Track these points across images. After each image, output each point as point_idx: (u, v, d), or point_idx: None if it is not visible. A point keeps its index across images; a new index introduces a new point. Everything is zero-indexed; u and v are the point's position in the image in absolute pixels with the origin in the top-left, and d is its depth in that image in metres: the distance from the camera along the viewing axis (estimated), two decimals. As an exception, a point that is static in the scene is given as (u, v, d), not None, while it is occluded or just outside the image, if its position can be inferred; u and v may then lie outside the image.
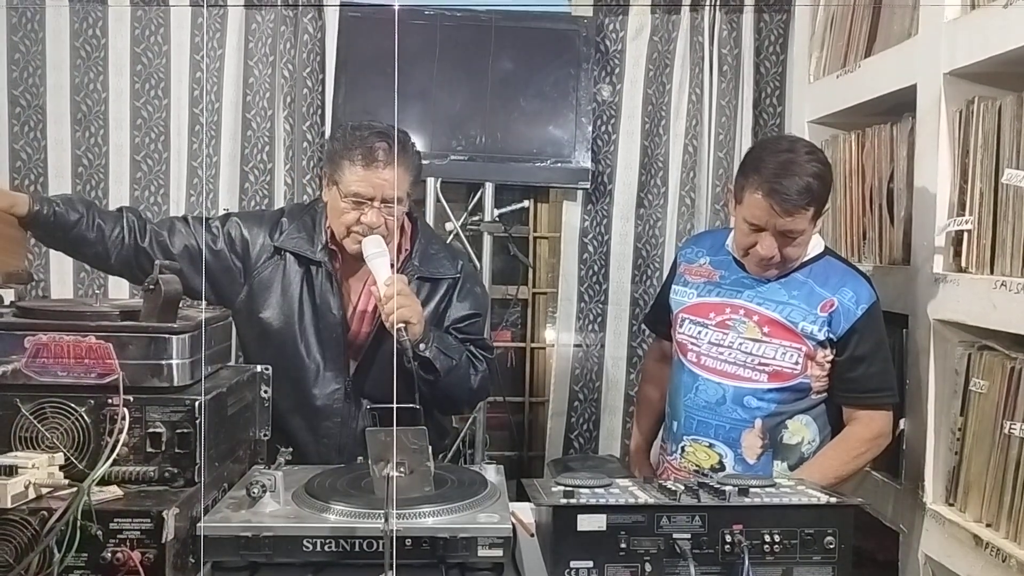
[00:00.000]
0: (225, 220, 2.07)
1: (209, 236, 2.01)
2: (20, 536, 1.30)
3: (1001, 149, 1.82)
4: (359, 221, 1.93)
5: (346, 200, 1.93)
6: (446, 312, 2.08)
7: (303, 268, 2.01)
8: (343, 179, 1.93)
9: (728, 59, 3.00)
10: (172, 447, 1.46)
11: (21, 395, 1.43)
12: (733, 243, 2.03)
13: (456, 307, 2.08)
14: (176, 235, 1.99)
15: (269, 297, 2.01)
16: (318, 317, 2.01)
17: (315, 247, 2.02)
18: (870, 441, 1.98)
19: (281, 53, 2.92)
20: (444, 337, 2.02)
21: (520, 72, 2.97)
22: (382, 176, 1.90)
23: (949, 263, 1.98)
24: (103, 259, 1.95)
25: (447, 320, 2.07)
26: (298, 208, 2.16)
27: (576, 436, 3.13)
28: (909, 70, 2.11)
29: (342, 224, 1.95)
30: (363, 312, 2.05)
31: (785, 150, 1.90)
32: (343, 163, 1.93)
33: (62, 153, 2.91)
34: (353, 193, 1.92)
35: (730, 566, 1.41)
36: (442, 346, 1.96)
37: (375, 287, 1.89)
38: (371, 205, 1.92)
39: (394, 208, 1.93)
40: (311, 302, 2.01)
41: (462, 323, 2.08)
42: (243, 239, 2.03)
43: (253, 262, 2.02)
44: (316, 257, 2.01)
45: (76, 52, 2.89)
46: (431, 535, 1.42)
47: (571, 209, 3.10)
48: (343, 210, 1.94)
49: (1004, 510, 1.77)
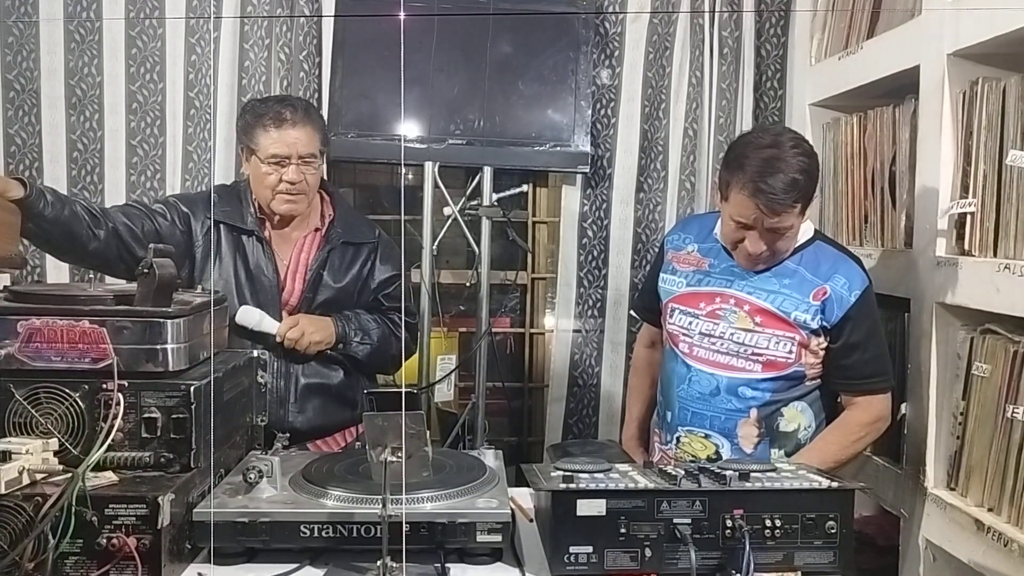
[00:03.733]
0: (166, 201, 2.20)
1: (160, 216, 2.13)
2: (14, 522, 1.30)
3: (1005, 130, 1.80)
4: (281, 180, 2.11)
5: (266, 163, 2.11)
6: (371, 275, 2.27)
7: (235, 238, 2.17)
8: (259, 145, 2.12)
9: (729, 41, 2.97)
10: (167, 432, 1.45)
11: (14, 380, 1.43)
12: (720, 232, 2.01)
13: (379, 269, 2.28)
14: (134, 218, 2.08)
15: (207, 267, 2.15)
16: (253, 282, 2.16)
17: (245, 217, 2.18)
18: (869, 425, 1.97)
19: (277, 36, 2.89)
20: (360, 317, 2.24)
21: (519, 55, 2.93)
22: (293, 134, 2.11)
23: (952, 246, 1.97)
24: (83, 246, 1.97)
25: (373, 282, 2.27)
26: (224, 186, 2.36)
27: (575, 421, 3.12)
28: (912, 51, 2.09)
29: (266, 188, 2.13)
30: (295, 272, 2.22)
31: (769, 145, 1.86)
32: (256, 131, 2.12)
33: (57, 138, 2.88)
34: (271, 155, 2.11)
35: (731, 551, 1.40)
36: (359, 335, 2.21)
37: (304, 255, 2.19)
38: (289, 162, 2.11)
39: (313, 166, 2.13)
40: (245, 268, 2.16)
41: (388, 287, 2.29)
42: (184, 213, 2.16)
43: (194, 236, 2.16)
44: (248, 226, 2.17)
45: (70, 35, 2.86)
46: (429, 520, 1.42)
47: (570, 194, 3.08)
48: (265, 173, 2.12)
49: (1006, 494, 1.77)
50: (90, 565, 1.32)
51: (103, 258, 2.03)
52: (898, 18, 2.22)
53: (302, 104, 2.19)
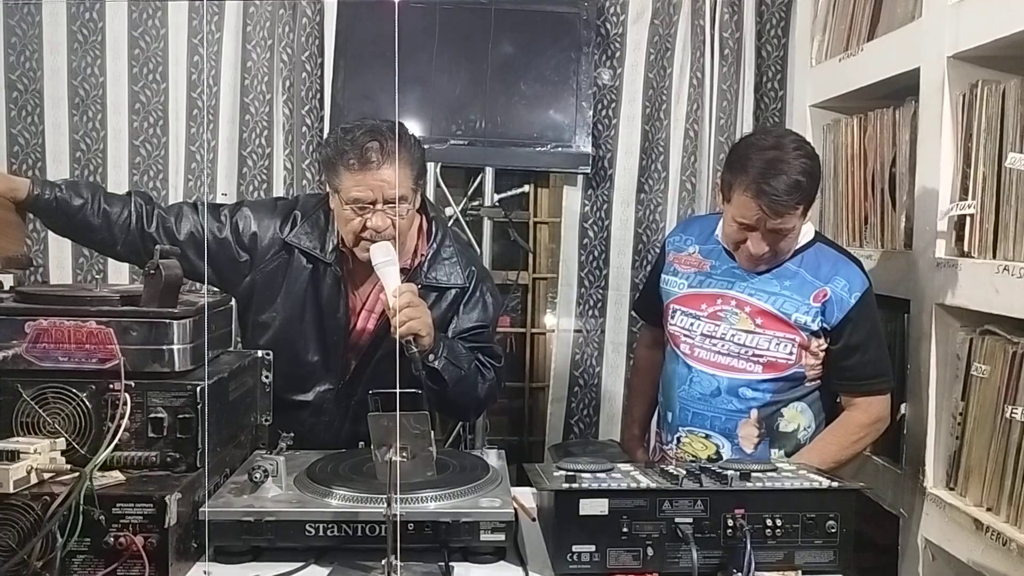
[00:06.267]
0: (236, 210, 2.01)
1: (216, 224, 1.96)
2: (23, 521, 1.31)
3: (1004, 133, 1.81)
4: (365, 227, 1.85)
5: (348, 207, 1.85)
6: (452, 321, 2.01)
7: (311, 266, 1.96)
8: (342, 186, 1.85)
9: (729, 42, 2.98)
10: (174, 432, 1.46)
11: (22, 380, 1.44)
12: (722, 233, 2.02)
13: (463, 318, 2.02)
14: (183, 220, 1.95)
15: (274, 292, 1.96)
16: (321, 318, 1.96)
17: (326, 248, 1.96)
18: (869, 426, 1.98)
19: (280, 37, 2.90)
20: (454, 346, 1.95)
21: (520, 56, 2.94)
22: (380, 177, 1.82)
23: (951, 248, 1.98)
24: (109, 244, 1.93)
25: (453, 331, 2.01)
26: (312, 202, 2.05)
27: (576, 421, 3.13)
28: (912, 53, 2.10)
29: (349, 232, 1.88)
30: (369, 312, 2.00)
31: (771, 147, 1.87)
32: (339, 169, 1.85)
33: (60, 138, 2.89)
34: (353, 199, 1.84)
35: (732, 550, 1.42)
36: (452, 357, 1.90)
37: (383, 295, 1.83)
38: (373, 209, 1.84)
39: (401, 208, 1.85)
40: (315, 302, 1.96)
41: (467, 333, 2.02)
42: (252, 232, 1.97)
43: (261, 255, 1.96)
44: (326, 259, 1.95)
45: (73, 36, 2.87)
46: (433, 520, 1.43)
47: (571, 194, 3.09)
48: (348, 218, 1.86)
49: (1005, 494, 1.78)
50: (97, 563, 1.32)
51: (130, 260, 1.98)
52: (898, 20, 2.23)
53: (392, 137, 1.83)
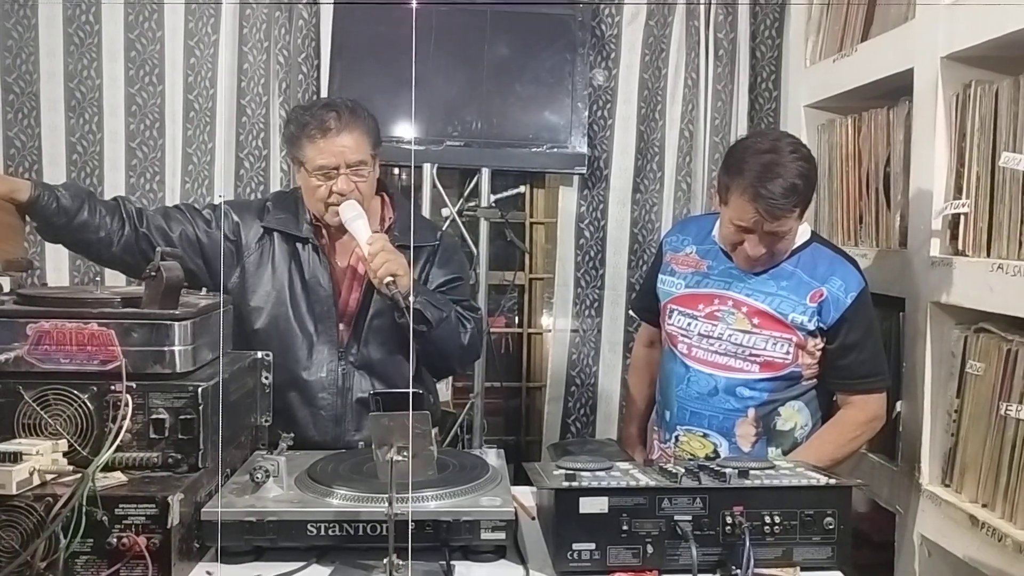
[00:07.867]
0: (217, 208, 2.11)
1: (203, 222, 2.07)
2: (26, 522, 1.31)
3: (998, 133, 1.83)
4: (332, 192, 1.99)
5: (314, 175, 2.00)
6: (427, 278, 2.14)
7: (290, 246, 2.08)
8: (306, 156, 2.00)
9: (724, 43, 2.99)
10: (175, 433, 1.47)
11: (24, 382, 1.44)
12: (719, 235, 2.03)
13: (436, 272, 2.15)
14: (173, 221, 2.03)
15: (261, 277, 2.07)
16: (309, 292, 2.07)
17: (300, 225, 2.08)
18: (865, 424, 2.00)
19: (276, 39, 2.90)
20: (432, 292, 2.09)
21: (516, 57, 2.95)
22: (340, 143, 1.98)
23: (946, 246, 1.99)
24: (106, 246, 1.95)
25: (430, 286, 2.13)
26: (281, 194, 2.27)
27: (573, 421, 3.14)
28: (906, 54, 2.11)
29: (317, 200, 2.02)
30: (351, 279, 2.11)
31: (768, 150, 1.88)
32: (302, 141, 2.00)
33: (56, 140, 2.88)
34: (318, 166, 1.98)
35: (731, 547, 1.43)
36: (431, 299, 2.03)
37: (359, 248, 1.96)
38: (338, 173, 1.98)
39: (362, 173, 2.01)
40: (300, 278, 2.07)
41: (444, 287, 2.14)
42: (234, 222, 2.08)
43: (245, 245, 2.07)
44: (303, 234, 2.07)
45: (70, 38, 2.86)
46: (434, 519, 1.44)
47: (567, 194, 3.10)
48: (314, 186, 2.01)
49: (1000, 490, 1.79)
50: (101, 564, 1.33)
51: (124, 263, 1.99)
52: (892, 21, 2.24)
53: (347, 107, 2.02)
